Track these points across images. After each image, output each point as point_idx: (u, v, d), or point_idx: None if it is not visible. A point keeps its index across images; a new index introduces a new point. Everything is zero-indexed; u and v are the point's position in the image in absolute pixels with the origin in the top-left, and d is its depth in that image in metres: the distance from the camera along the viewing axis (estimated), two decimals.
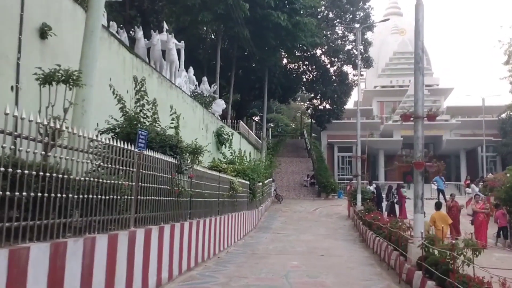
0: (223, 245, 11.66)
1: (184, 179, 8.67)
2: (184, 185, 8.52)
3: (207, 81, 22.22)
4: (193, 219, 9.10)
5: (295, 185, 32.94)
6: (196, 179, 9.48)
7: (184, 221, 8.47)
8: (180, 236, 8.09)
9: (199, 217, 9.60)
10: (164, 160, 7.46)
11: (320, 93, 38.38)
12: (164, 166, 7.48)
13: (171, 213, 7.80)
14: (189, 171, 8.38)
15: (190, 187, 8.98)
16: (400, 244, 8.78)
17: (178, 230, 7.99)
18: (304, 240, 14.42)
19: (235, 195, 13.77)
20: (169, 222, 7.69)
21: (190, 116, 15.55)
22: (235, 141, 22.30)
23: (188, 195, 8.83)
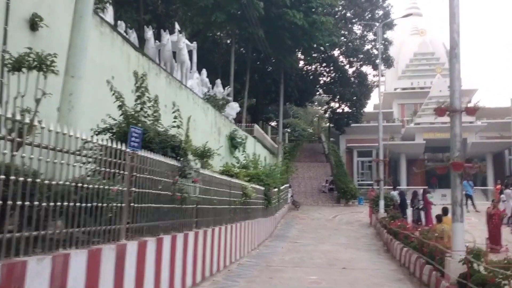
0: (234, 256, 10.70)
1: (190, 184, 7.78)
2: (189, 190, 7.63)
3: (220, 84, 21.40)
4: (199, 228, 8.18)
5: (313, 191, 31.79)
6: (204, 184, 8.58)
7: (188, 230, 7.56)
8: (183, 247, 7.17)
9: (207, 226, 8.68)
10: (164, 162, 6.57)
11: (339, 95, 37.12)
12: (164, 169, 6.59)
13: (172, 222, 6.89)
14: (193, 175, 7.47)
15: (197, 193, 8.09)
16: (436, 258, 7.64)
17: (181, 241, 7.06)
18: (323, 250, 13.34)
19: (248, 202, 12.82)
20: (170, 232, 6.78)
21: (201, 118, 14.73)
22: (249, 145, 21.39)
23: (194, 201, 7.93)
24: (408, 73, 51.71)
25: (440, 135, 41.90)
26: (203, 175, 8.44)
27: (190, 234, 7.52)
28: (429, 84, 48.18)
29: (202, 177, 8.52)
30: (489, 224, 11.95)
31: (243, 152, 18.06)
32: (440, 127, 41.85)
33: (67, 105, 6.19)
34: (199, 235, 7.98)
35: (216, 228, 9.11)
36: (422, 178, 43.18)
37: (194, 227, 7.94)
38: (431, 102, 44.08)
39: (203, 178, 8.59)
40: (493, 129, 42.60)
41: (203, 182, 8.61)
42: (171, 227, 6.85)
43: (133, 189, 5.75)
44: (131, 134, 5.59)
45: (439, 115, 7.08)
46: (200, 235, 8.01)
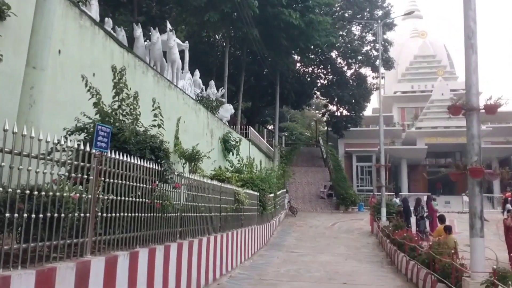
0: (225, 268, 9.82)
1: (174, 191, 6.94)
2: (172, 197, 6.79)
3: (214, 85, 20.58)
4: (184, 239, 7.31)
5: (311, 196, 30.90)
6: (190, 189, 7.74)
7: (171, 242, 6.69)
8: (164, 261, 6.29)
9: (193, 236, 7.81)
10: (141, 165, 5.72)
11: (337, 98, 36.25)
12: (141, 174, 5.75)
13: (151, 233, 6.03)
14: (175, 180, 6.61)
15: (182, 200, 7.23)
16: (453, 278, 6.71)
17: (161, 255, 6.19)
18: (322, 261, 12.47)
19: (241, 208, 11.97)
20: (148, 244, 5.93)
21: (192, 120, 13.88)
22: (244, 148, 20.53)
23: (178, 209, 7.08)
24: (409, 76, 50.86)
25: (442, 140, 41.02)
26: (188, 179, 7.58)
27: (173, 246, 6.65)
28: (430, 87, 47.25)
29: (188, 182, 7.67)
30: (508, 237, 11.02)
31: (237, 156, 17.22)
32: (442, 131, 41.03)
33: (28, 99, 5.38)
34: (184, 246, 7.11)
35: (204, 238, 8.24)
36: (424, 184, 42.23)
37: (178, 238, 7.08)
38: (432, 105, 43.25)
39: (189, 183, 7.75)
40: (499, 134, 41.61)
41: (190, 187, 7.76)
42: (150, 239, 5.99)
43: (100, 196, 4.90)
44: (97, 133, 4.74)
45: (454, 114, 6.25)
46: (184, 246, 7.14)
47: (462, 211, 26.65)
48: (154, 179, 6.06)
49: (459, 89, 47.56)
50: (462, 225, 20.93)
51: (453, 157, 44.50)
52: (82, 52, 8.42)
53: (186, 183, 7.60)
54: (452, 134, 40.34)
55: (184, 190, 7.46)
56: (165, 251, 6.27)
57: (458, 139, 40.40)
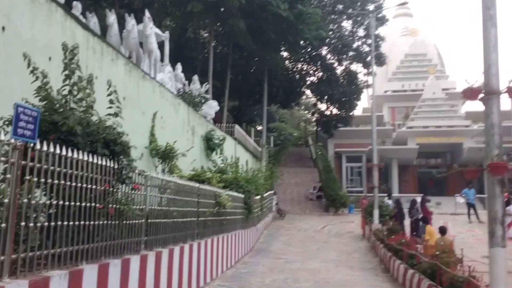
0: (203, 279, 8.70)
1: (137, 193, 5.82)
2: (133, 201, 5.67)
3: (198, 80, 19.44)
4: (151, 250, 6.18)
5: (300, 198, 29.88)
6: (159, 192, 6.62)
7: (132, 254, 5.56)
8: (121, 278, 5.14)
9: (163, 245, 6.69)
10: (86, 162, 4.58)
11: (327, 96, 35.29)
12: (88, 172, 4.61)
13: (104, 245, 4.90)
14: (135, 180, 5.47)
15: (147, 204, 6.10)
16: None
17: (116, 271, 5.03)
18: (311, 269, 11.41)
19: (223, 212, 10.86)
20: (99, 259, 4.78)
21: (170, 115, 12.75)
22: (229, 147, 19.42)
23: (143, 215, 5.95)
24: (399, 75, 50.12)
25: (434, 140, 40.33)
26: (156, 180, 6.46)
27: (134, 259, 5.52)
28: (421, 86, 46.47)
29: (158, 183, 6.55)
30: None
31: (221, 155, 16.10)
32: (434, 131, 40.34)
33: None
34: (149, 259, 5.97)
35: (176, 248, 7.11)
36: (415, 185, 41.54)
37: (142, 248, 5.95)
38: (424, 104, 42.56)
39: (159, 184, 6.63)
40: None
41: (159, 189, 6.65)
42: (102, 252, 4.85)
43: (24, 201, 3.77)
44: (18, 117, 3.60)
45: (470, 99, 5.25)
46: (150, 259, 6.00)
47: (454, 213, 25.91)
48: (108, 179, 4.93)
49: (450, 88, 47.23)
50: (457, 227, 20.09)
51: (444, 158, 43.98)
52: (34, 31, 7.26)
53: (155, 184, 6.49)
54: (444, 134, 39.79)
55: (151, 192, 6.35)
56: (123, 265, 5.13)
57: (450, 138, 39.85)
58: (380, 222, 17.12)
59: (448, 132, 39.53)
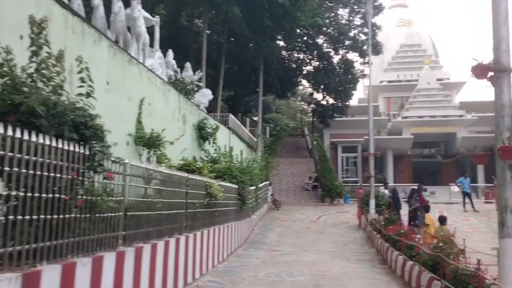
0: (191, 275, 8.25)
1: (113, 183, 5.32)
2: (111, 191, 5.18)
3: (190, 68, 18.80)
4: (130, 245, 5.70)
5: (295, 188, 29.47)
6: (139, 182, 6.12)
7: (106, 251, 5.05)
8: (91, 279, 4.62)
9: (145, 239, 6.22)
10: (49, 146, 4.05)
11: (323, 85, 34.78)
12: (52, 159, 4.09)
13: (70, 243, 4.36)
14: (108, 168, 4.94)
15: (125, 195, 5.60)
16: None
17: (85, 271, 4.46)
18: (307, 261, 11.01)
19: (214, 203, 10.40)
20: (64, 257, 4.27)
21: (159, 102, 12.19)
22: (223, 137, 18.91)
23: (120, 207, 5.46)
24: (394, 65, 49.94)
25: (428, 130, 40.19)
26: (136, 169, 5.95)
27: (108, 256, 4.99)
28: (416, 76, 46.45)
29: (138, 173, 6.05)
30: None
31: (213, 144, 15.58)
32: (428, 121, 40.14)
33: None
34: (127, 255, 5.47)
35: (160, 242, 6.64)
36: (409, 175, 41.39)
37: (119, 244, 5.46)
38: (418, 94, 42.33)
39: (140, 174, 6.13)
40: (484, 124, 41.04)
41: (141, 179, 6.15)
42: (68, 250, 4.32)
43: None
44: None
45: (479, 77, 4.76)
46: (128, 255, 5.51)
47: (449, 202, 25.66)
48: (77, 167, 4.41)
49: (443, 78, 47.02)
50: (452, 216, 19.70)
51: (438, 147, 43.88)
52: (3, 6, 6.68)
53: (136, 174, 5.99)
54: (438, 124, 39.70)
55: (132, 182, 5.85)
56: (94, 264, 4.62)
57: (444, 128, 39.69)
58: (376, 212, 16.76)
59: (442, 122, 39.48)
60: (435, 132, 40.06)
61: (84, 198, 4.45)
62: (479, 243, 12.10)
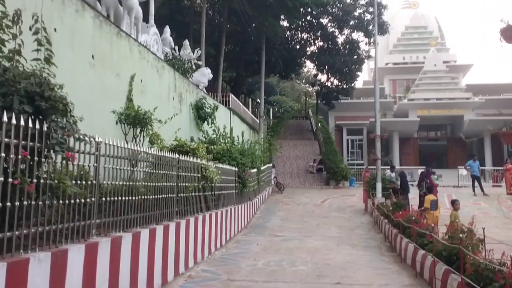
0: (183, 264, 7.60)
1: (87, 163, 4.60)
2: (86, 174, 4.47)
3: (189, 46, 17.93)
4: (106, 235, 5.00)
5: (299, 171, 28.81)
6: (119, 163, 5.41)
7: (73, 243, 4.35)
8: (50, 279, 3.95)
9: (125, 228, 5.53)
10: None
11: (327, 66, 33.75)
12: None
13: (21, 235, 3.67)
14: (72, 147, 4.19)
15: (97, 178, 4.87)
16: None
17: (41, 269, 3.74)
18: (310, 248, 10.36)
19: (211, 187, 9.73)
20: (13, 255, 3.57)
21: (152, 79, 11.41)
22: (223, 117, 18.16)
23: (92, 192, 4.75)
24: (400, 47, 48.93)
25: (434, 112, 39.33)
26: (113, 149, 5.21)
27: (75, 249, 4.24)
28: (421, 59, 45.59)
29: (116, 154, 5.32)
30: None
31: (212, 125, 14.83)
32: (435, 103, 39.25)
33: None
34: (102, 246, 4.76)
35: (144, 230, 5.94)
36: (415, 158, 40.69)
37: (93, 234, 4.77)
38: (425, 76, 41.33)
39: (119, 155, 5.40)
40: (491, 106, 40.16)
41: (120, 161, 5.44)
42: (19, 245, 3.62)
43: None
44: None
45: (509, 40, 3.94)
46: (103, 246, 4.79)
47: (457, 185, 24.92)
48: (34, 145, 3.68)
49: (450, 61, 45.87)
50: (462, 200, 18.69)
51: (444, 130, 43.09)
52: None
53: (114, 155, 5.28)
54: (445, 106, 38.92)
55: (109, 164, 5.15)
56: (56, 259, 3.88)
57: (451, 111, 38.83)
58: (383, 196, 16.07)
59: (449, 104, 38.72)
60: (442, 114, 39.30)
61: (43, 182, 3.73)
62: (492, 228, 11.40)
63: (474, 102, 39.32)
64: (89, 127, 8.07)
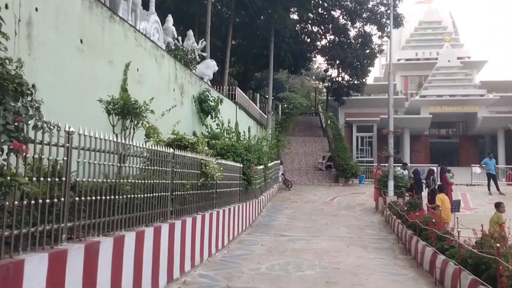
0: (179, 268, 6.92)
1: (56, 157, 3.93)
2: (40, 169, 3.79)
3: (193, 36, 17.20)
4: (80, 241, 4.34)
5: (308, 168, 28.01)
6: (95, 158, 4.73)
7: (34, 252, 3.70)
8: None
9: (106, 231, 4.86)
10: None
11: (339, 60, 32.78)
12: None
13: None
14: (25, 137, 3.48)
15: (66, 174, 4.19)
16: None
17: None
18: (318, 249, 9.64)
19: (212, 184, 9.05)
20: None
21: (150, 68, 10.71)
22: (228, 111, 17.44)
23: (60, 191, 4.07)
24: (413, 42, 47.80)
25: (447, 109, 38.21)
26: (91, 141, 4.53)
27: (36, 259, 3.59)
28: (435, 55, 44.42)
29: (95, 146, 4.65)
30: None
31: (215, 119, 14.13)
32: (447, 100, 38.10)
33: None
34: (72, 255, 4.08)
35: (129, 234, 5.26)
36: (426, 155, 39.66)
37: (63, 240, 4.09)
38: (438, 73, 40.15)
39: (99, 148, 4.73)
40: (505, 104, 39.02)
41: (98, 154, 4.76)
42: None
43: None
44: None
45: None
46: (74, 254, 4.12)
47: (470, 184, 23.92)
48: None
49: (464, 57, 44.52)
50: (477, 200, 18.23)
51: (456, 128, 42.00)
52: None
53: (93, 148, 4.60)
54: (458, 103, 37.80)
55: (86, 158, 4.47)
56: (5, 273, 3.24)
57: (464, 108, 37.66)
58: (395, 194, 15.26)
59: (463, 101, 37.63)
60: (455, 111, 38.23)
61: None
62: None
63: (488, 99, 38.16)
64: (77, 117, 7.44)
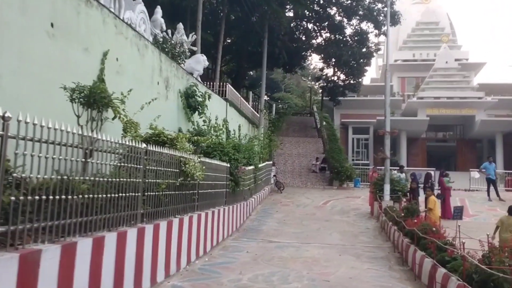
0: (149, 279, 6.15)
1: None
2: None
3: (183, 29, 16.45)
4: (17, 248, 3.61)
5: (301, 170, 27.31)
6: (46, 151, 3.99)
7: None
8: None
9: (59, 237, 4.12)
10: None
11: (334, 58, 32.12)
12: None
13: None
14: None
15: (1, 164, 3.44)
16: None
17: None
18: (307, 258, 8.93)
19: (193, 185, 8.32)
20: None
21: (132, 58, 9.96)
22: (217, 108, 16.69)
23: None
24: (410, 43, 47.24)
25: (445, 112, 37.68)
26: (31, 127, 3.78)
27: None
28: (432, 56, 43.89)
29: (45, 137, 3.90)
30: None
31: (202, 115, 13.39)
32: (445, 102, 37.58)
33: None
34: (9, 265, 3.37)
35: (84, 241, 4.51)
36: (423, 159, 39.09)
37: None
38: (435, 74, 39.64)
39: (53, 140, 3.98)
40: (504, 107, 38.51)
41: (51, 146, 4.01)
42: None
43: None
44: None
45: None
46: (11, 263, 3.41)
47: (469, 189, 23.35)
48: None
49: (462, 59, 44.02)
50: (476, 205, 17.60)
51: (454, 131, 41.50)
52: None
53: (42, 139, 3.86)
54: (456, 106, 37.29)
55: (31, 151, 3.73)
56: None
57: (462, 110, 37.15)
58: (391, 199, 14.60)
59: (460, 103, 37.13)
60: (452, 114, 37.70)
61: None
62: None
63: (487, 102, 37.66)
64: (43, 107, 6.68)
